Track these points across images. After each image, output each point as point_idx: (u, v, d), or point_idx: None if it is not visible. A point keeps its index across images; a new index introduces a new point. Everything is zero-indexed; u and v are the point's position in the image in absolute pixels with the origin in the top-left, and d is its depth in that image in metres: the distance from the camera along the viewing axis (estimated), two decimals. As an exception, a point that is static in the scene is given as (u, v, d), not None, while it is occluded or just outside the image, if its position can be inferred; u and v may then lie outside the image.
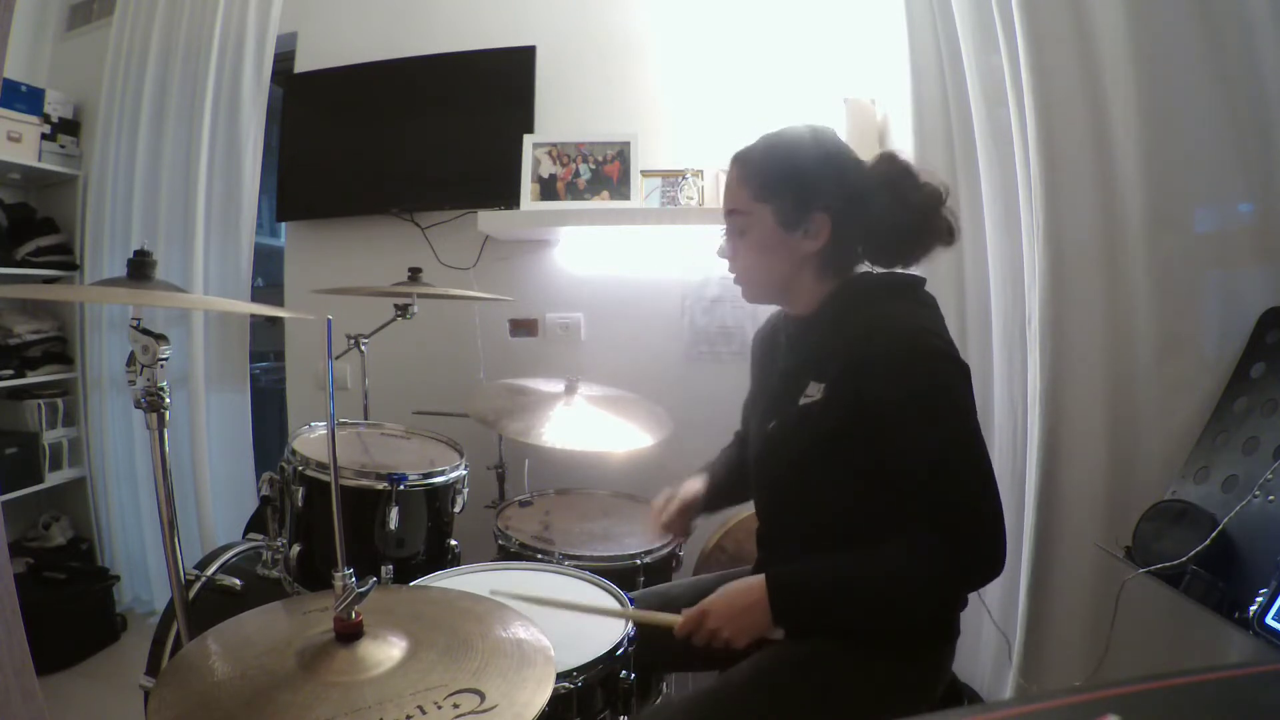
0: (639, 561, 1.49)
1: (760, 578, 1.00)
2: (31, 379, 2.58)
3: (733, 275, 1.14)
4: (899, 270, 1.11)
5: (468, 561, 1.36)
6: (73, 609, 2.31)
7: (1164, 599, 1.15)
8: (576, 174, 2.11)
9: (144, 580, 2.59)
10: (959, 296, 1.67)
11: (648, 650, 1.10)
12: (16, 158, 2.46)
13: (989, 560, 0.93)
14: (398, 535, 1.44)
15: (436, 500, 1.53)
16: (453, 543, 1.57)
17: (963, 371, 0.96)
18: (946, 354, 0.96)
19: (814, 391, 1.02)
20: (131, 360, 1.09)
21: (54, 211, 2.72)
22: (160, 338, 1.08)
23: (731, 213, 1.11)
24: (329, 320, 0.82)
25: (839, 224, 1.05)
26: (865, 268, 1.12)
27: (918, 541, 0.94)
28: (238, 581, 1.57)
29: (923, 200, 1.05)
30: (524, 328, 2.33)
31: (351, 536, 1.40)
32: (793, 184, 1.06)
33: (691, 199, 2.03)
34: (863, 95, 1.98)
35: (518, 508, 1.77)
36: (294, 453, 1.45)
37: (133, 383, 1.10)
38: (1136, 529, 1.19)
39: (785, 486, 1.12)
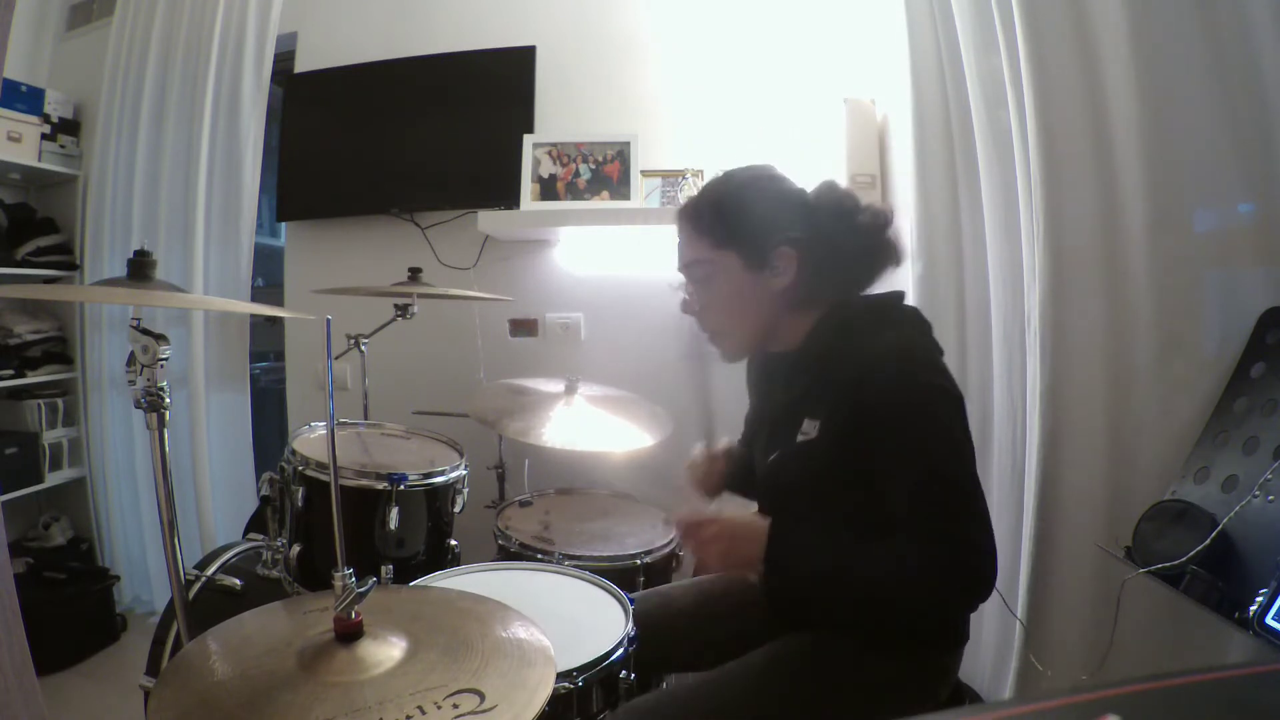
0: (639, 561, 1.49)
1: (763, 523, 0.99)
2: (31, 379, 2.57)
3: (705, 332, 1.13)
4: (878, 293, 1.10)
5: (468, 561, 1.36)
6: (73, 609, 2.30)
7: (1164, 599, 1.15)
8: (576, 174, 2.11)
9: (144, 580, 2.59)
10: (959, 296, 1.67)
11: (648, 650, 1.10)
12: (16, 158, 2.46)
13: (975, 588, 0.92)
14: (398, 535, 1.44)
15: (436, 500, 1.53)
16: (453, 543, 1.57)
17: (955, 401, 0.96)
18: (937, 385, 0.96)
19: (809, 429, 1.02)
20: (131, 360, 1.09)
21: (54, 211, 2.72)
22: (160, 338, 1.08)
23: (692, 264, 1.10)
24: (329, 320, 0.82)
25: (804, 256, 1.05)
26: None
27: (916, 551, 0.92)
28: (238, 581, 1.57)
29: (870, 223, 1.07)
30: (524, 328, 2.33)
31: (351, 536, 1.39)
32: (752, 223, 1.05)
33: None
34: (863, 95, 1.98)
35: (518, 508, 1.77)
36: (294, 453, 1.45)
37: (133, 383, 1.10)
38: (1137, 529, 1.19)
39: (787, 515, 1.12)
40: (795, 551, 0.98)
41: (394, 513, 1.41)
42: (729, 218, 1.07)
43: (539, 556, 1.47)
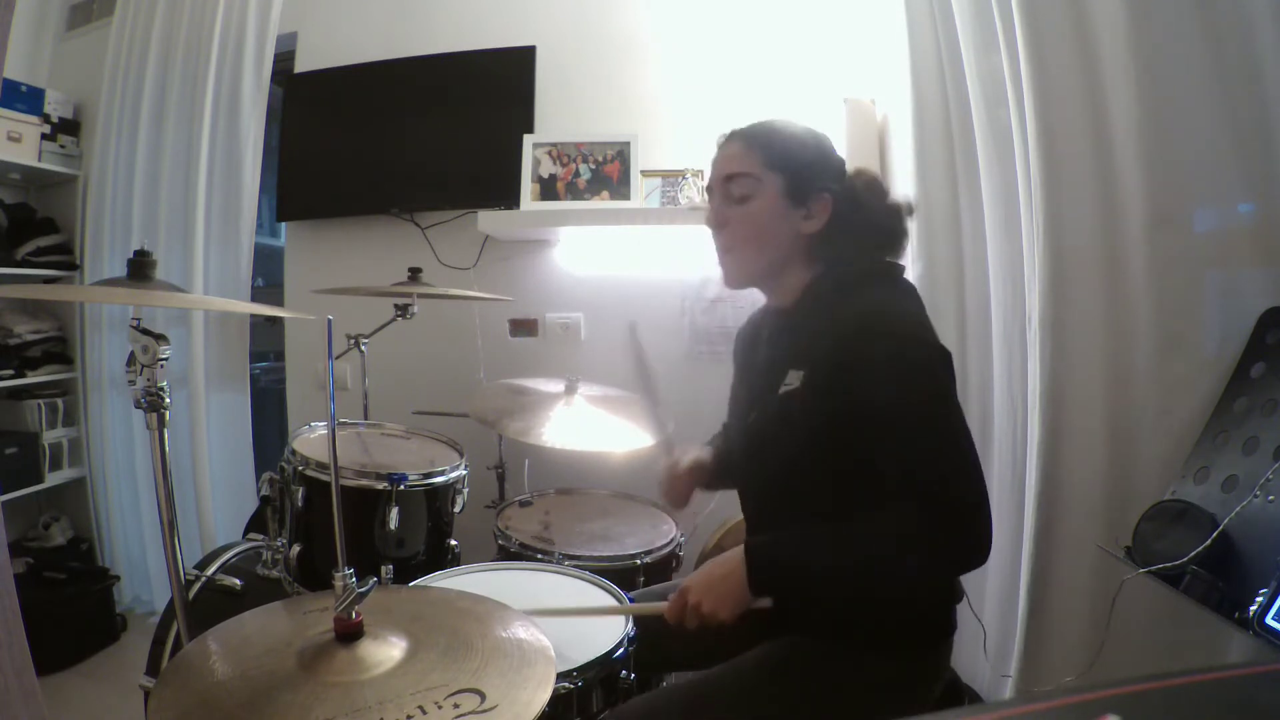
0: (639, 561, 1.49)
1: (738, 548, 0.99)
2: (31, 379, 2.57)
3: (720, 248, 1.11)
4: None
5: (468, 561, 1.36)
6: (73, 609, 2.30)
7: (1164, 599, 1.15)
8: (576, 174, 2.11)
9: (144, 580, 2.59)
10: (959, 296, 1.67)
11: (648, 651, 1.10)
12: (16, 158, 2.45)
13: (971, 547, 0.90)
14: (398, 535, 1.44)
15: (436, 500, 1.53)
16: (453, 543, 1.57)
17: (944, 358, 0.96)
18: (927, 341, 0.96)
19: (793, 380, 1.01)
20: (131, 360, 1.09)
21: (54, 211, 2.72)
22: (160, 338, 1.08)
23: (732, 178, 1.08)
24: (329, 320, 0.82)
25: (837, 211, 1.06)
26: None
27: (899, 517, 0.91)
28: (238, 581, 1.57)
29: (895, 207, 1.11)
30: (524, 328, 2.33)
31: (351, 536, 1.38)
32: (804, 159, 1.07)
33: (691, 199, 2.03)
34: (863, 95, 1.98)
35: (518, 508, 1.77)
36: (294, 453, 1.45)
37: (133, 383, 1.10)
38: (1136, 529, 1.19)
39: (768, 476, 1.11)
40: (775, 549, 0.98)
41: (394, 513, 1.41)
42: (787, 144, 1.08)
43: (539, 556, 1.47)
